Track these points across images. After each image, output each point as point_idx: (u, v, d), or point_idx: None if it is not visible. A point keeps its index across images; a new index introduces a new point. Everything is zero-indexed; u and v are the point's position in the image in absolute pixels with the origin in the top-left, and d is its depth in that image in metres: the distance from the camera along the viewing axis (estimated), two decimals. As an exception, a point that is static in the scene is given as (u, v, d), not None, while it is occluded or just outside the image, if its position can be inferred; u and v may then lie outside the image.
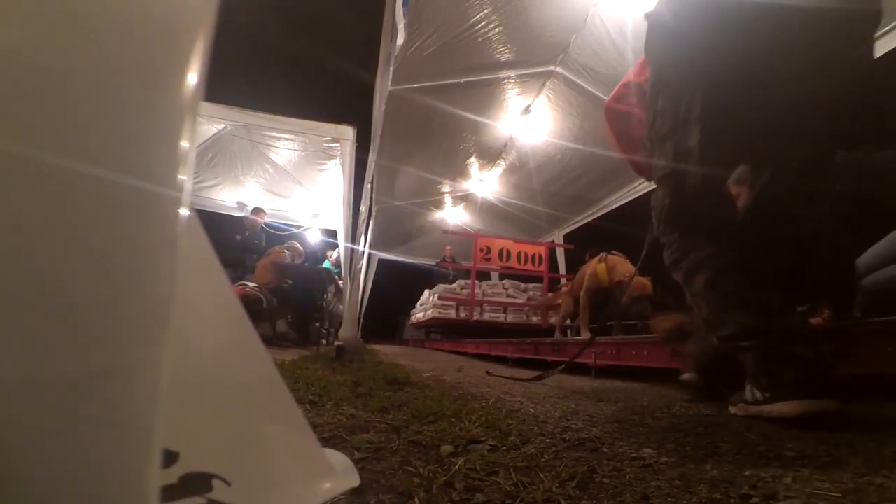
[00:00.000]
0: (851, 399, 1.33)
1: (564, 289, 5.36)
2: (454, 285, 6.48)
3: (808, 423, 0.94)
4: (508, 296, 6.31)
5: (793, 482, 0.61)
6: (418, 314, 7.63)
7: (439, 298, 6.31)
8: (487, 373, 2.44)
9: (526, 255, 6.18)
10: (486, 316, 6.10)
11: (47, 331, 0.22)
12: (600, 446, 0.82)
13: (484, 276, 7.01)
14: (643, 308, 2.96)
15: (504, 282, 6.53)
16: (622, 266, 3.22)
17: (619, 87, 1.65)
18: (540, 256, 6.21)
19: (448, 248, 8.08)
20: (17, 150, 0.22)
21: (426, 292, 7.23)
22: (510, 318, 6.21)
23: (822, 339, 1.09)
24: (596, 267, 3.24)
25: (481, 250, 6.01)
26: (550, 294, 5.92)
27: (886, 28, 2.60)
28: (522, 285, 6.47)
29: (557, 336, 4.12)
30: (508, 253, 6.12)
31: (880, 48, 2.64)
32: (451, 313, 6.31)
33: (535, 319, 6.11)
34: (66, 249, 0.23)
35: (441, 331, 7.85)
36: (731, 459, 0.73)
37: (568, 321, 4.26)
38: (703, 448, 0.81)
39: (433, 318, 6.49)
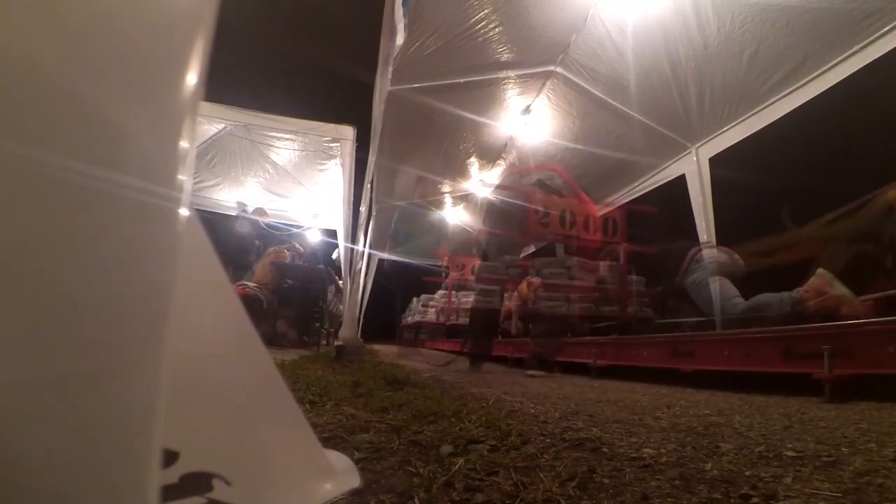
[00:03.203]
0: (852, 399, 1.34)
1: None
2: (435, 294, 7.75)
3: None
4: (481, 303, 7.43)
5: (793, 482, 0.61)
6: (408, 318, 9.13)
7: (423, 306, 7.64)
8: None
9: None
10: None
11: (48, 331, 0.22)
12: (600, 446, 0.82)
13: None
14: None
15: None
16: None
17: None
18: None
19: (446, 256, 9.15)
20: (16, 150, 0.22)
21: (414, 299, 8.58)
22: (482, 322, 7.19)
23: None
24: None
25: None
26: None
27: (886, 28, 2.58)
28: (494, 294, 7.51)
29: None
30: (480, 269, 7.31)
31: (880, 48, 2.62)
32: (433, 317, 7.59)
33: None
34: (66, 249, 0.23)
35: (425, 331, 9.39)
36: (731, 459, 0.73)
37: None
38: (703, 448, 0.81)
39: (418, 322, 8.03)
